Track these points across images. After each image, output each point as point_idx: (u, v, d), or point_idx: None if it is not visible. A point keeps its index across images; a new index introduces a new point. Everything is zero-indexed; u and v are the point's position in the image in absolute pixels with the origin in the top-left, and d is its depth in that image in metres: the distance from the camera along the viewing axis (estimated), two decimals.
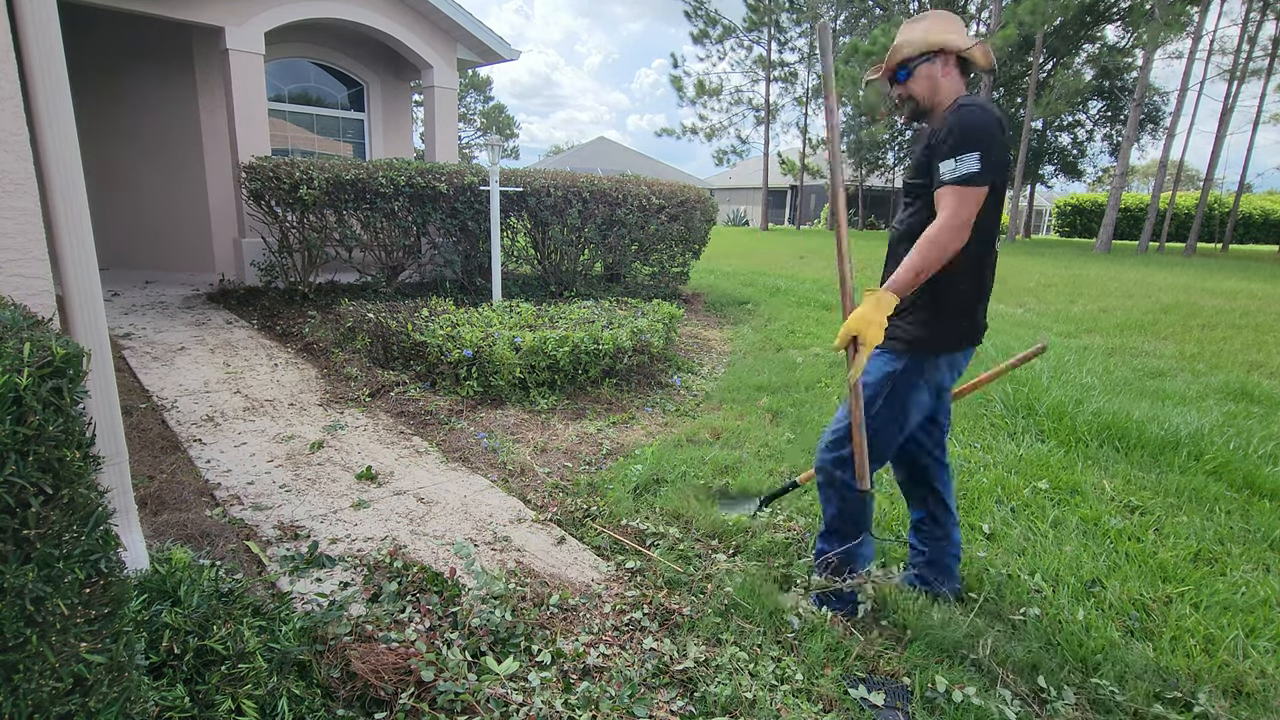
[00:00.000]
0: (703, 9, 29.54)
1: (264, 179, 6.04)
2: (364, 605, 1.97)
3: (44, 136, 1.51)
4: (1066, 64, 25.41)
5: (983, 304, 1.91)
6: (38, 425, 0.85)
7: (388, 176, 6.36)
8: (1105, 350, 5.78)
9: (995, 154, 1.67)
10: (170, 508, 2.50)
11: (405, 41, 8.02)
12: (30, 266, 1.48)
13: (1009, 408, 3.98)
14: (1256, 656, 1.91)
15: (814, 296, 8.41)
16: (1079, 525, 2.64)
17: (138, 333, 5.27)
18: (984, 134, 1.67)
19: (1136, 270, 13.90)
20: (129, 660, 1.05)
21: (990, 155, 1.66)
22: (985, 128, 1.68)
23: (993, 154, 1.66)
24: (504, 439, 3.39)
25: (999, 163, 1.68)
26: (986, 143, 1.66)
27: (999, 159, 1.68)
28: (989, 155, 1.65)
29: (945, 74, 1.82)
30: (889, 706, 1.69)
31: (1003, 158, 1.70)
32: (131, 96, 7.70)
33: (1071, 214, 33.45)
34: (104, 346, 1.69)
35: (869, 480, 1.87)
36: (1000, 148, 1.69)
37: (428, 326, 4.47)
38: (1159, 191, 22.00)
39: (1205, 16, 19.73)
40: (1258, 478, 3.08)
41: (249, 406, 3.75)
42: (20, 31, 1.44)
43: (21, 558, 0.86)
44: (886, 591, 2.09)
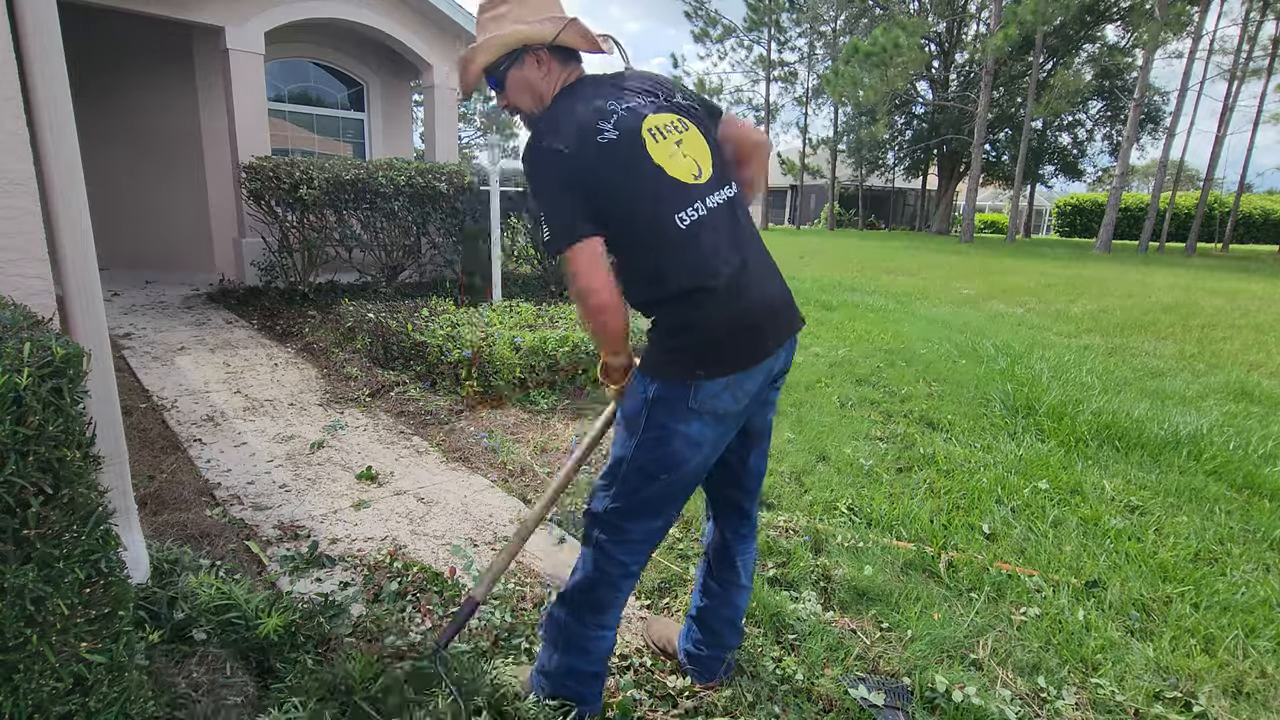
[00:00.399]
0: (703, 9, 29.60)
1: (264, 179, 6.04)
2: (364, 605, 1.97)
3: (44, 136, 1.51)
4: (1066, 64, 25.41)
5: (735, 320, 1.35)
6: (38, 425, 0.85)
7: (388, 176, 6.36)
8: (1105, 350, 5.78)
9: (562, 204, 1.28)
10: (170, 508, 2.50)
11: (405, 41, 8.02)
12: (30, 266, 1.48)
13: (1009, 408, 3.98)
14: (1256, 656, 1.91)
15: (815, 296, 8.41)
16: (1079, 525, 2.64)
17: (138, 333, 5.27)
18: (539, 187, 1.31)
19: (1136, 270, 13.90)
20: (129, 660, 1.05)
21: (556, 209, 1.28)
22: (536, 173, 1.31)
23: (559, 206, 1.28)
24: (504, 439, 3.39)
25: (565, 209, 1.27)
26: (545, 197, 1.29)
27: (561, 201, 1.28)
28: (555, 210, 1.28)
29: (542, 72, 1.40)
30: (889, 706, 1.69)
31: (565, 190, 1.28)
32: (132, 96, 7.70)
33: (1071, 214, 33.45)
34: (104, 346, 1.69)
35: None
36: (554, 177, 1.29)
37: (428, 326, 4.47)
38: (1159, 191, 22.00)
39: (1205, 16, 19.73)
40: (1258, 478, 3.08)
41: (249, 406, 3.75)
42: (20, 32, 1.44)
43: (21, 558, 0.86)
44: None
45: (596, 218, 1.28)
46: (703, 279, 1.31)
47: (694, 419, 1.34)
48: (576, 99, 1.35)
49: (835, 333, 6.14)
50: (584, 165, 1.28)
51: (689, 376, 1.33)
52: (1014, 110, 26.67)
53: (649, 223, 1.31)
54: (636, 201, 1.31)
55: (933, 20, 27.43)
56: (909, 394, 4.29)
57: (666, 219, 1.31)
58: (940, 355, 5.28)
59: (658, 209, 1.31)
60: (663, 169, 1.32)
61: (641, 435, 1.37)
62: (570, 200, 1.28)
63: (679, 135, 1.37)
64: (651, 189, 1.31)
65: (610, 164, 1.29)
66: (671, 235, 1.31)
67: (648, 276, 1.35)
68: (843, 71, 21.79)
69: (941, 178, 31.46)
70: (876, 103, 22.96)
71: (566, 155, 1.27)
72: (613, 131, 1.29)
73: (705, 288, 1.31)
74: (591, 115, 1.30)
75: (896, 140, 31.54)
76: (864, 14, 28.55)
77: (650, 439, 1.36)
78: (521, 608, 1.99)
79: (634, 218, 1.31)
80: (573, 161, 1.27)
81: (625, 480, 1.40)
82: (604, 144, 1.28)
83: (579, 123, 1.29)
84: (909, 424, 3.76)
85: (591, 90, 1.38)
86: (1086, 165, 30.58)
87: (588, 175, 1.28)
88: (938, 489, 2.93)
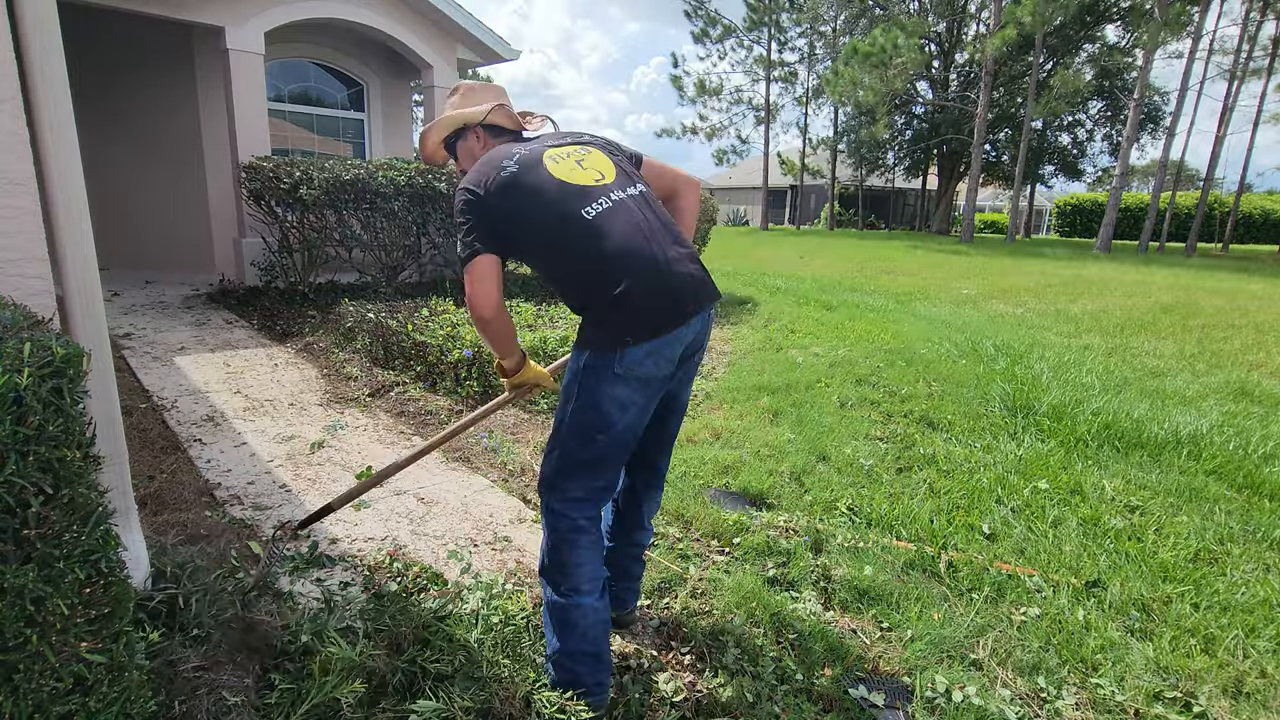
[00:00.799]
0: (703, 9, 29.55)
1: (264, 179, 6.04)
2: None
3: (44, 136, 1.51)
4: (1066, 64, 25.39)
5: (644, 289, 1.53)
6: (38, 425, 0.85)
7: (388, 176, 6.36)
8: (1105, 350, 5.78)
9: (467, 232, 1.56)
10: (170, 508, 2.50)
11: (405, 41, 8.02)
12: (30, 266, 1.48)
13: (1009, 408, 3.98)
14: (1256, 656, 1.91)
15: (815, 296, 8.41)
16: (1079, 525, 2.64)
17: (138, 333, 5.27)
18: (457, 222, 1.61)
19: (1136, 270, 13.90)
20: (129, 660, 1.05)
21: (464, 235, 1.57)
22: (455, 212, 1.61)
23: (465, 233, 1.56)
24: (504, 439, 3.39)
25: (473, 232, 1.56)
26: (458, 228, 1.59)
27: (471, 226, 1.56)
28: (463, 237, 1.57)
29: (480, 145, 1.79)
30: (889, 706, 1.69)
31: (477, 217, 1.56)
32: (132, 97, 7.70)
33: (1071, 214, 33.44)
34: (104, 346, 1.69)
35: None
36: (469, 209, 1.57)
37: (428, 326, 4.47)
38: (1159, 191, 21.99)
39: (1205, 16, 19.72)
40: (1258, 478, 3.08)
41: (249, 406, 3.75)
42: (20, 32, 1.44)
43: (21, 558, 0.86)
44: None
45: (497, 240, 1.56)
46: (619, 257, 1.51)
47: (620, 384, 1.53)
48: (491, 154, 1.65)
49: (835, 333, 6.14)
50: (489, 200, 1.55)
51: (615, 345, 1.51)
52: (1014, 110, 26.65)
53: (560, 224, 1.54)
54: (546, 211, 1.55)
55: (932, 20, 27.41)
56: (909, 394, 4.29)
57: (574, 216, 1.54)
58: (940, 355, 5.28)
59: (565, 210, 1.54)
60: (564, 180, 1.58)
61: (576, 401, 1.56)
62: (472, 227, 1.55)
63: (580, 156, 1.65)
64: (556, 197, 1.55)
65: (512, 192, 1.55)
66: (581, 228, 1.53)
67: (573, 271, 1.58)
68: (842, 72, 21.78)
69: (941, 178, 31.45)
70: (876, 103, 22.93)
71: (474, 193, 1.57)
72: (514, 165, 1.58)
73: (622, 265, 1.50)
74: (497, 160, 1.61)
75: (896, 140, 31.52)
76: (864, 14, 28.53)
77: (584, 404, 1.55)
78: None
79: (545, 225, 1.55)
80: (479, 197, 1.56)
81: (564, 442, 1.59)
82: (505, 178, 1.56)
83: (486, 168, 1.60)
84: (909, 424, 3.76)
85: (504, 148, 1.67)
86: (1086, 165, 30.57)
87: (492, 207, 1.55)
88: (938, 489, 2.93)
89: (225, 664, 1.57)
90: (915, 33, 21.62)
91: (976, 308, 8.10)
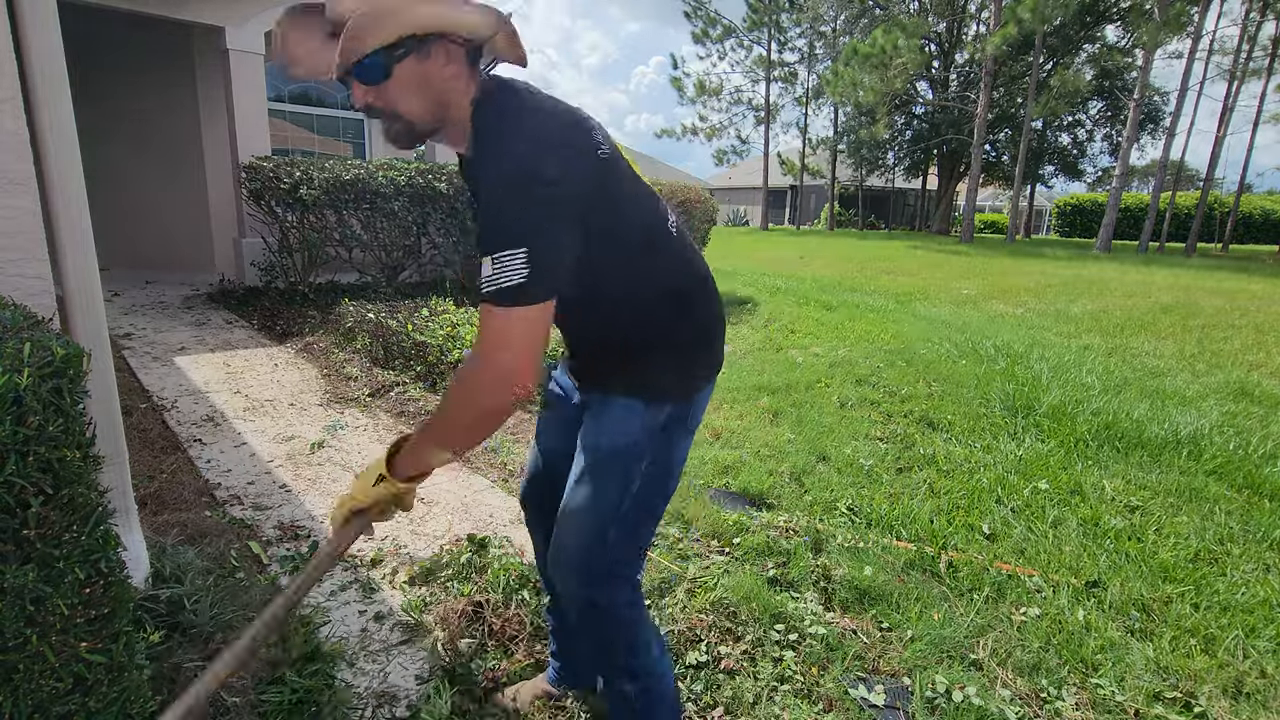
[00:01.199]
0: (703, 9, 29.54)
1: (264, 179, 6.04)
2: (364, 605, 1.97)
3: (44, 136, 1.51)
4: (1066, 64, 25.39)
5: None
6: (38, 425, 0.85)
7: (388, 176, 6.36)
8: (1105, 350, 5.78)
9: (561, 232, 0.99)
10: (170, 508, 2.50)
11: None
12: (30, 266, 1.48)
13: (1009, 408, 3.98)
14: (1256, 656, 1.91)
15: (815, 296, 8.41)
16: (1079, 525, 2.64)
17: (138, 333, 5.27)
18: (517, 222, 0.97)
19: (1136, 270, 13.90)
20: (129, 660, 1.05)
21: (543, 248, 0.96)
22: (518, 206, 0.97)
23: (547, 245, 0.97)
24: (504, 439, 3.39)
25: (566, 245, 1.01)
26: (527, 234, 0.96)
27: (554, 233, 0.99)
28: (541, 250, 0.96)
29: (450, 73, 1.04)
30: (889, 706, 1.69)
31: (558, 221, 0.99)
32: (131, 96, 7.70)
33: (1071, 214, 33.44)
34: (104, 346, 1.69)
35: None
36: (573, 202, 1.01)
37: (428, 326, 4.47)
38: (1159, 191, 21.99)
39: (1205, 16, 19.73)
40: (1258, 478, 3.08)
41: (249, 406, 3.75)
42: (20, 32, 1.44)
43: (21, 558, 0.86)
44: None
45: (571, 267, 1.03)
46: (699, 279, 1.26)
47: (686, 438, 1.27)
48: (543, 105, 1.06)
49: (835, 333, 6.14)
50: (588, 190, 1.03)
51: (690, 393, 1.24)
52: (1014, 110, 26.65)
53: (649, 230, 1.18)
54: (638, 212, 1.17)
55: (932, 20, 27.41)
56: (909, 394, 4.29)
57: (661, 226, 1.20)
58: (940, 355, 5.28)
59: (654, 219, 1.20)
60: (640, 178, 1.20)
61: (649, 466, 1.22)
62: (569, 239, 1.01)
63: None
64: (645, 199, 1.19)
65: (614, 184, 1.09)
66: (669, 241, 1.21)
67: (650, 290, 1.20)
68: (842, 72, 21.79)
69: (941, 178, 31.45)
70: (876, 103, 22.93)
71: (580, 178, 1.02)
72: (604, 141, 1.09)
73: (701, 288, 1.25)
74: (584, 127, 1.07)
75: (896, 140, 31.52)
76: (864, 14, 28.52)
77: (659, 469, 1.23)
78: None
79: (634, 230, 1.16)
80: (584, 186, 1.02)
81: (626, 519, 1.23)
82: (604, 159, 1.07)
83: (579, 138, 1.05)
84: (909, 424, 3.76)
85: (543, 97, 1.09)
86: (1086, 165, 30.59)
87: (592, 200, 1.03)
88: (938, 489, 2.93)
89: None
90: (915, 33, 21.61)
91: (976, 308, 8.10)
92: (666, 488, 1.28)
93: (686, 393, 1.24)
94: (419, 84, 1.02)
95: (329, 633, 1.85)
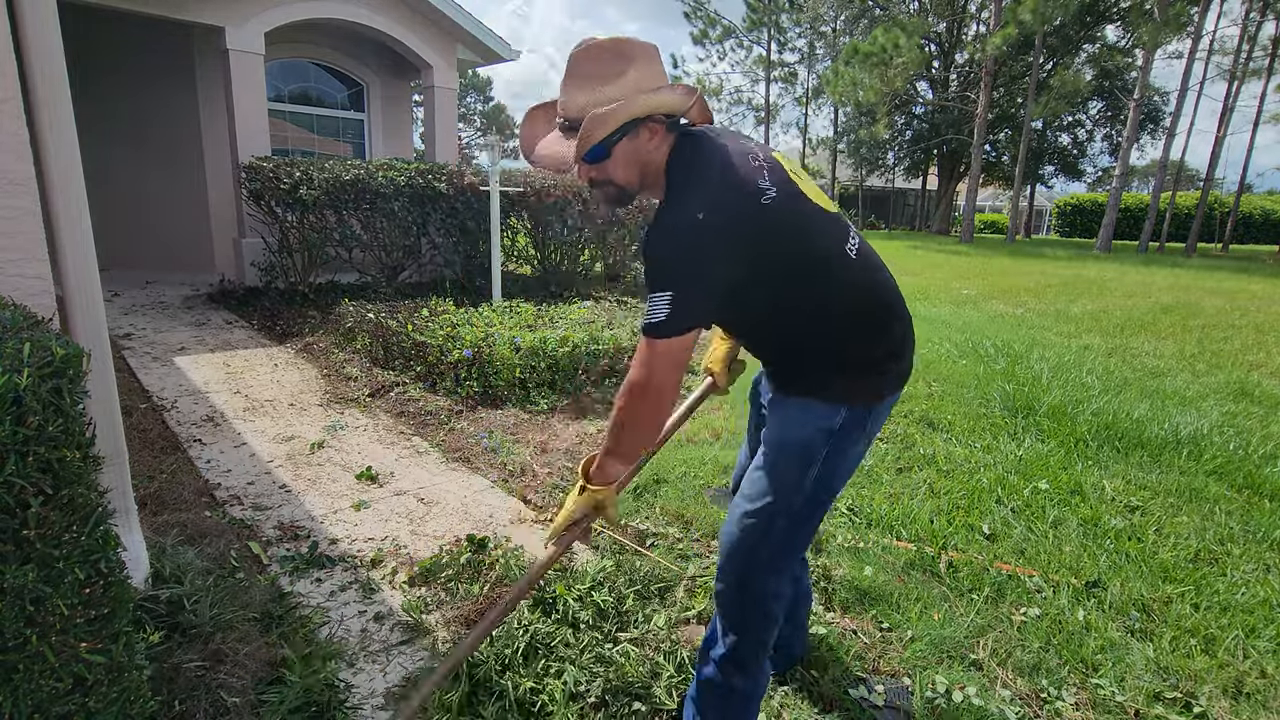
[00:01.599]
0: (702, 10, 29.54)
1: (264, 179, 6.04)
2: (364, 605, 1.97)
3: (44, 137, 1.51)
4: (1066, 64, 25.40)
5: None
6: (38, 425, 0.85)
7: (388, 177, 6.37)
8: (1105, 350, 5.78)
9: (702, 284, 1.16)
10: (170, 508, 2.50)
11: (405, 42, 8.01)
12: (30, 267, 1.48)
13: (1009, 408, 3.98)
14: (1256, 656, 1.91)
15: None
16: (1079, 525, 2.64)
17: (138, 333, 5.27)
18: (683, 266, 1.15)
19: (1136, 270, 13.90)
20: (129, 660, 1.05)
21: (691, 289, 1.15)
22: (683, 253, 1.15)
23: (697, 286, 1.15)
24: (504, 439, 3.39)
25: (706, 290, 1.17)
26: (686, 276, 1.15)
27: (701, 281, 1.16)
28: (690, 290, 1.15)
29: (654, 143, 1.25)
30: (889, 706, 1.69)
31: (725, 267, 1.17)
32: (131, 97, 7.70)
33: (1072, 214, 33.45)
34: (104, 346, 1.69)
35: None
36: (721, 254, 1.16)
37: (428, 327, 4.47)
38: (1159, 191, 22.00)
39: (1205, 16, 19.73)
40: (1258, 478, 3.08)
41: (249, 406, 3.75)
42: (20, 32, 1.44)
43: (21, 558, 0.86)
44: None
45: (720, 294, 1.19)
46: (881, 300, 1.32)
47: (861, 441, 1.34)
48: (718, 165, 1.20)
49: None
50: (752, 236, 1.17)
51: (874, 399, 1.31)
52: (1014, 110, 26.67)
53: (824, 260, 1.26)
54: (811, 245, 1.25)
55: (933, 20, 27.41)
56: (909, 394, 4.29)
57: (839, 251, 1.28)
58: (940, 355, 5.28)
59: (830, 245, 1.27)
60: (820, 206, 1.29)
61: (822, 466, 1.30)
62: (711, 285, 1.17)
63: (795, 165, 1.31)
64: (821, 227, 1.27)
65: (777, 224, 1.19)
66: (846, 265, 1.28)
67: (824, 311, 1.28)
68: (842, 72, 21.79)
69: (941, 178, 31.45)
70: (876, 103, 22.93)
71: (733, 232, 1.16)
72: (770, 186, 1.19)
73: (887, 309, 1.32)
74: (749, 180, 1.18)
75: (896, 140, 31.53)
76: (864, 14, 28.53)
77: (829, 470, 1.31)
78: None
79: (804, 261, 1.25)
80: (739, 236, 1.16)
81: (796, 515, 1.32)
82: (768, 205, 1.18)
83: (738, 194, 1.17)
84: (909, 424, 3.76)
85: (721, 149, 1.23)
86: (1086, 165, 30.60)
87: (756, 243, 1.18)
88: (938, 489, 2.93)
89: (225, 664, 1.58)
90: (916, 33, 21.62)
91: (976, 308, 8.10)
92: (834, 489, 1.35)
93: (867, 401, 1.31)
94: (632, 158, 1.25)
95: (329, 633, 1.85)
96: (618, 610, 1.96)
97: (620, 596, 2.02)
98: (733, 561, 1.36)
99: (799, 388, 1.34)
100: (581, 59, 1.19)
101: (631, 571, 2.20)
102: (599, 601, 1.95)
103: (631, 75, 1.19)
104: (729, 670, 1.40)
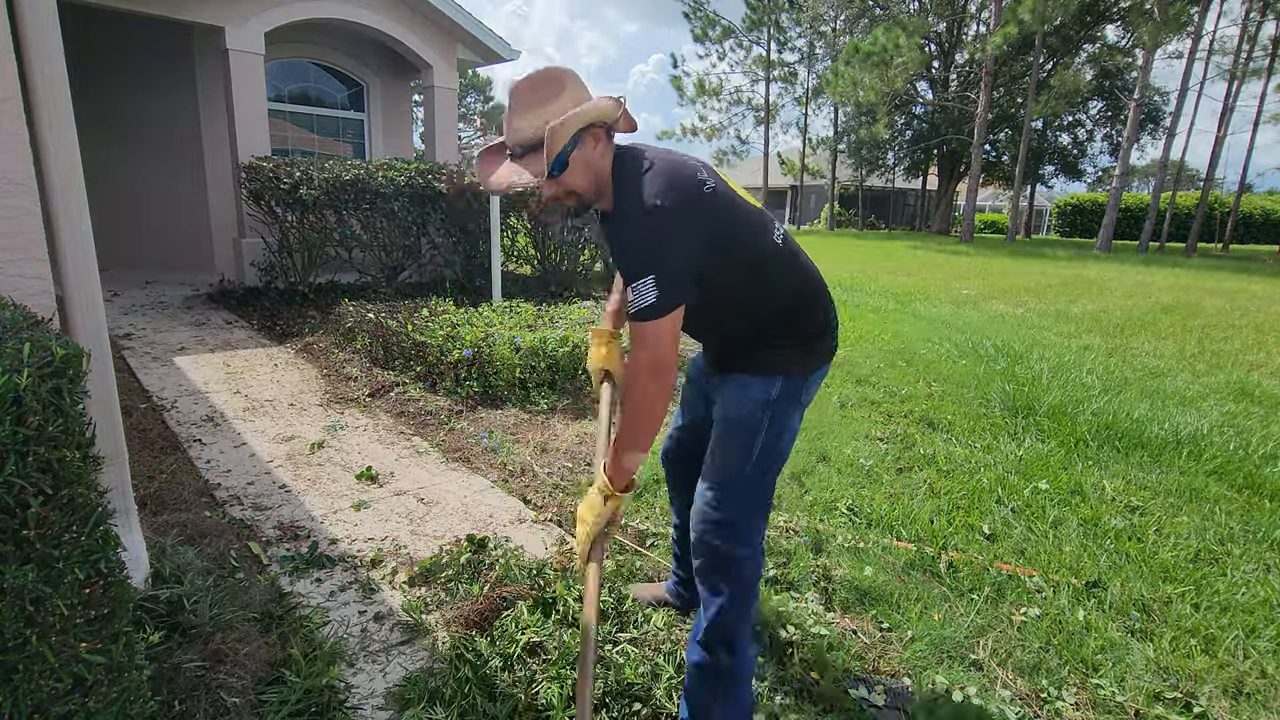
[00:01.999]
0: (702, 10, 29.53)
1: (264, 179, 6.04)
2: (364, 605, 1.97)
3: (44, 137, 1.51)
4: (1066, 64, 25.39)
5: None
6: (38, 425, 0.85)
7: (387, 177, 6.37)
8: (1105, 350, 5.78)
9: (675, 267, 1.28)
10: (170, 508, 2.50)
11: (405, 42, 8.01)
12: (30, 267, 1.48)
13: (1009, 408, 3.98)
14: (1257, 656, 1.91)
15: None
16: (1079, 525, 2.64)
17: (138, 333, 5.27)
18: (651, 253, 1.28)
19: (1137, 270, 13.90)
20: (129, 660, 1.05)
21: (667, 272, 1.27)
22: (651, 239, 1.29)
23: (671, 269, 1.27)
24: (504, 439, 3.39)
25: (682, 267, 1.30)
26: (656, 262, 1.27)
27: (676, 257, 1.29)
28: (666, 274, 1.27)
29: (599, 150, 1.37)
30: (889, 706, 1.69)
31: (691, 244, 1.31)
32: (131, 96, 7.70)
33: (1072, 214, 33.44)
34: (104, 346, 1.69)
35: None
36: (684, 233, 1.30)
37: (428, 327, 4.47)
38: (1159, 191, 22.00)
39: (1205, 16, 19.73)
40: (1258, 478, 3.08)
41: (249, 406, 3.75)
42: (20, 31, 1.44)
43: (21, 558, 0.86)
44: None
45: (702, 276, 1.35)
46: (806, 283, 1.51)
47: (798, 411, 1.50)
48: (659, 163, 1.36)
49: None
50: (703, 219, 1.34)
51: (805, 371, 1.48)
52: (1014, 110, 26.64)
53: (757, 249, 1.43)
54: (745, 235, 1.42)
55: (933, 20, 27.41)
56: (909, 394, 4.29)
57: (768, 242, 1.45)
58: (940, 355, 5.28)
59: (760, 237, 1.44)
60: (748, 201, 1.47)
61: (766, 433, 1.45)
62: (685, 262, 1.31)
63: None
64: (756, 221, 1.45)
65: (720, 211, 1.38)
66: (775, 254, 1.46)
67: (760, 296, 1.46)
68: (842, 72, 21.78)
69: (941, 178, 31.45)
70: (876, 103, 22.93)
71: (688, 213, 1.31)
72: (709, 177, 1.38)
73: (810, 290, 1.51)
74: (689, 172, 1.37)
75: (896, 140, 31.51)
76: (864, 14, 28.52)
77: (773, 437, 1.46)
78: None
79: (744, 250, 1.42)
80: (693, 218, 1.32)
81: (748, 481, 1.47)
82: (709, 193, 1.36)
83: (685, 182, 1.34)
84: (909, 424, 3.76)
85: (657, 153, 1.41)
86: (1086, 165, 30.55)
87: (707, 228, 1.34)
88: (938, 489, 2.93)
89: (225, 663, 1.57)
90: (916, 32, 21.61)
91: (976, 308, 8.09)
92: (781, 451, 1.49)
93: (800, 371, 1.48)
94: (585, 166, 1.37)
95: (329, 633, 1.85)
96: (617, 610, 1.96)
97: (620, 597, 2.02)
98: (704, 534, 1.48)
99: (737, 365, 1.50)
100: (522, 89, 1.33)
101: (631, 571, 2.21)
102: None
103: (567, 93, 1.34)
104: (714, 645, 1.47)
